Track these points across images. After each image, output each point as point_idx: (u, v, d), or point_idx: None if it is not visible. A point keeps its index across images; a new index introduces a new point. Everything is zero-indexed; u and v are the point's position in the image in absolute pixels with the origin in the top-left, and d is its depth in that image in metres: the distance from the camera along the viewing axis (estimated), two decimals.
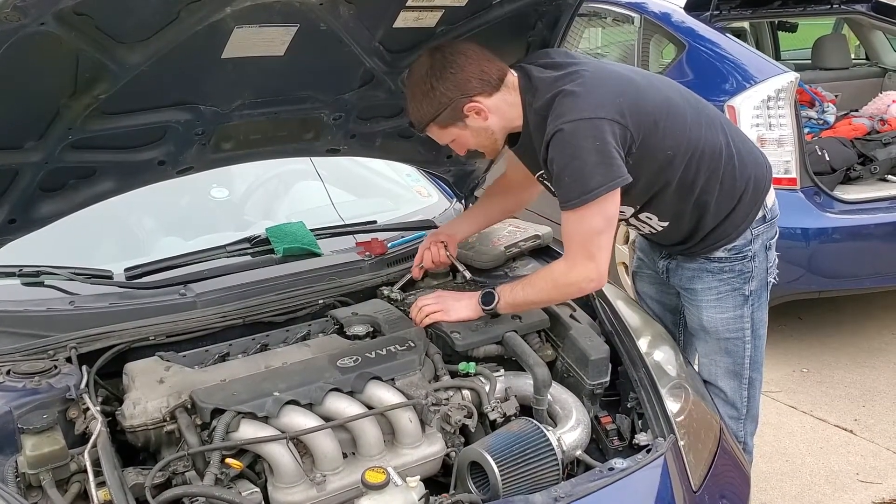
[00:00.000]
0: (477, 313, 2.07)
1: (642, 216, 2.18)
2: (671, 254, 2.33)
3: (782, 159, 4.03)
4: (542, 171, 2.04)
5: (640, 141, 1.93)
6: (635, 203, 2.13)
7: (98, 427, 1.62)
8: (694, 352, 2.60)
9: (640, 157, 1.96)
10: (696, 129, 2.06)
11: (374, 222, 2.67)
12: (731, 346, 2.29)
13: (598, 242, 1.94)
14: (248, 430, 1.68)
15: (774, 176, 4.07)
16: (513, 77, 1.99)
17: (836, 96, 5.39)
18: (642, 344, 2.12)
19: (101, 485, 1.54)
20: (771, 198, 2.26)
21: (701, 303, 2.28)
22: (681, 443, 1.89)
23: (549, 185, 2.07)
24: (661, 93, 2.04)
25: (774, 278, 2.34)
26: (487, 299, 2.06)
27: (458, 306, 2.08)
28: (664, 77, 2.22)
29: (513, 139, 2.08)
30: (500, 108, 1.98)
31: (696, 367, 2.61)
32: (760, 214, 2.21)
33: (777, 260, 2.33)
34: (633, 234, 4.42)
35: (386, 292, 2.31)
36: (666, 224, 2.18)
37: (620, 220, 2.19)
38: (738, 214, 2.17)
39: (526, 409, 1.97)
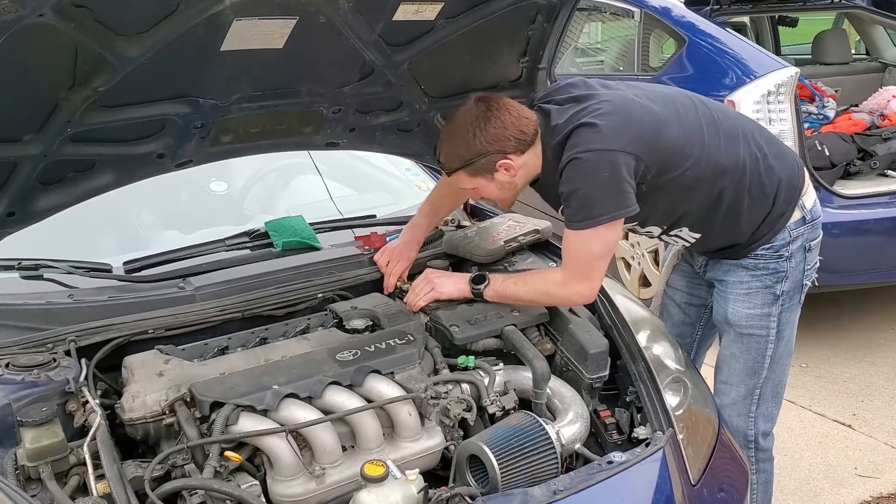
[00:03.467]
0: (463, 294, 2.15)
1: (672, 233, 2.23)
2: (714, 256, 2.35)
3: None
4: (563, 206, 2.06)
5: (655, 170, 1.98)
6: (661, 223, 2.18)
7: (97, 420, 1.62)
8: (706, 349, 2.61)
9: (657, 185, 2.01)
10: (717, 148, 2.09)
11: (374, 216, 2.67)
12: (752, 342, 2.29)
13: (596, 265, 2.02)
14: (248, 423, 1.68)
15: None
16: (538, 125, 2.03)
17: (836, 91, 5.39)
18: (641, 338, 2.11)
19: (100, 477, 1.54)
20: (810, 199, 2.27)
21: (729, 295, 2.29)
22: (679, 436, 1.89)
23: None
24: (681, 120, 2.06)
25: (814, 282, 2.34)
26: (478, 280, 2.14)
27: (447, 283, 2.17)
28: (684, 96, 2.19)
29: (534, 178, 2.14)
30: (527, 164, 2.04)
31: (700, 365, 2.62)
32: (799, 216, 2.22)
33: (818, 263, 2.33)
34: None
35: (399, 284, 2.32)
36: (699, 235, 2.23)
37: (652, 238, 2.27)
38: (773, 215, 2.19)
39: (525, 403, 1.98)
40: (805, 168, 2.29)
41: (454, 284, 2.17)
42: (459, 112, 2.03)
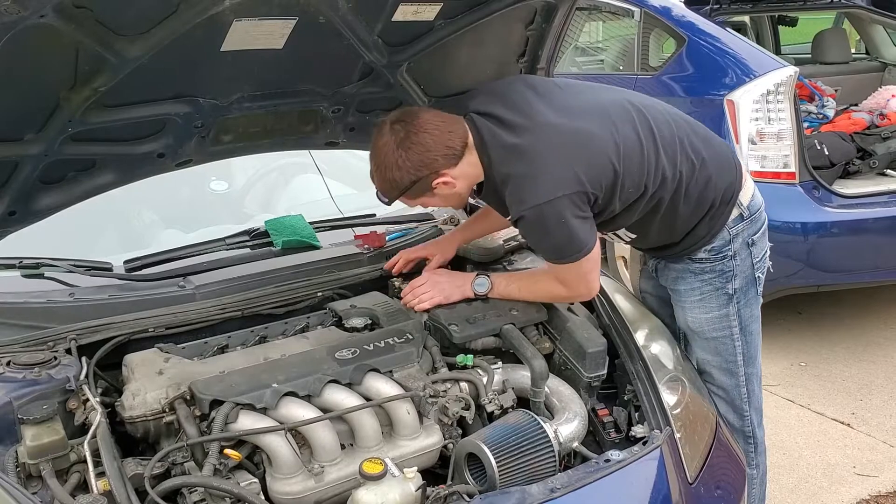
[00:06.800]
0: (465, 295, 2.17)
1: (610, 232, 2.23)
2: (656, 255, 2.36)
3: (781, 153, 4.04)
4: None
5: (603, 192, 1.95)
6: (603, 230, 2.18)
7: (97, 418, 1.63)
8: (692, 349, 2.61)
9: (604, 203, 1.99)
10: (656, 162, 2.03)
11: (373, 215, 2.67)
12: (719, 345, 2.29)
13: (590, 276, 2.05)
14: (247, 422, 1.69)
15: (773, 170, 4.12)
16: (470, 136, 1.98)
17: (835, 91, 5.40)
18: (639, 337, 2.13)
19: (100, 475, 1.55)
20: (747, 195, 2.23)
21: (685, 304, 2.30)
22: (677, 435, 1.90)
23: None
24: (619, 140, 1.97)
25: (770, 268, 2.33)
26: (481, 288, 2.16)
27: (451, 289, 2.16)
28: (621, 108, 2.06)
29: (478, 187, 2.11)
30: (465, 174, 2.00)
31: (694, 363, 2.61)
32: (736, 213, 2.20)
33: (768, 251, 2.32)
34: None
35: (398, 284, 2.32)
36: (634, 236, 2.24)
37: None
38: (709, 216, 2.17)
39: (523, 402, 1.98)
40: (739, 162, 2.25)
41: (457, 288, 2.16)
42: (379, 142, 1.95)
